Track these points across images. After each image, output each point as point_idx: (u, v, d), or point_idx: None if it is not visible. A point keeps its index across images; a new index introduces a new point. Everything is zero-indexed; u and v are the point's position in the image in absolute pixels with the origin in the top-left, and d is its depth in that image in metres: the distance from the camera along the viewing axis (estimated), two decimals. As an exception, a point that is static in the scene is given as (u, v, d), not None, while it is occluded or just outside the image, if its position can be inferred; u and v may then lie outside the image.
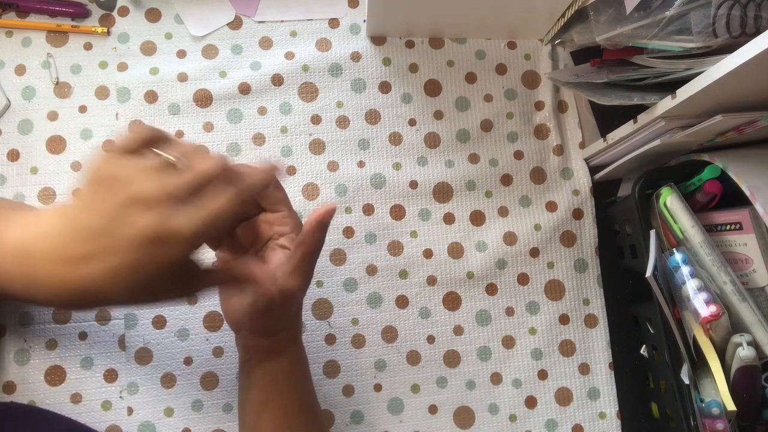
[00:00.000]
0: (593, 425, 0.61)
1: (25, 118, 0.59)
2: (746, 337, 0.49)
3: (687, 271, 0.50)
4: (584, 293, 0.62)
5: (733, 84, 0.42)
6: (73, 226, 0.35)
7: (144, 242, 0.34)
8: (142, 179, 0.34)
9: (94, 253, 0.34)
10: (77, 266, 0.34)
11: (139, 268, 0.34)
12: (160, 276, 0.35)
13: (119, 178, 0.35)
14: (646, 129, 0.52)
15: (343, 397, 0.59)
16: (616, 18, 0.51)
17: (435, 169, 0.63)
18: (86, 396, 0.56)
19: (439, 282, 0.61)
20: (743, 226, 0.52)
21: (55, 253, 0.34)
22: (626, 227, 0.59)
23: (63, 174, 0.59)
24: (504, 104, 0.64)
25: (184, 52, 0.62)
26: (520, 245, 0.62)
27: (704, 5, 0.45)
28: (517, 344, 0.61)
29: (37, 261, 0.35)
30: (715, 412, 0.49)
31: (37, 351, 0.56)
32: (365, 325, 0.60)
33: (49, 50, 0.61)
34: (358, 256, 0.61)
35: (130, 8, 0.62)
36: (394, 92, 0.63)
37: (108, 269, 0.34)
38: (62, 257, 0.34)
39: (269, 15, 0.63)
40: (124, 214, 0.34)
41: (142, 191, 0.34)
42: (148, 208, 0.34)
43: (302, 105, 0.62)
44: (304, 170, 0.61)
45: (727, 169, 0.50)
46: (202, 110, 0.61)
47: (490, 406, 0.60)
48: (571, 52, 0.65)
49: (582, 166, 0.64)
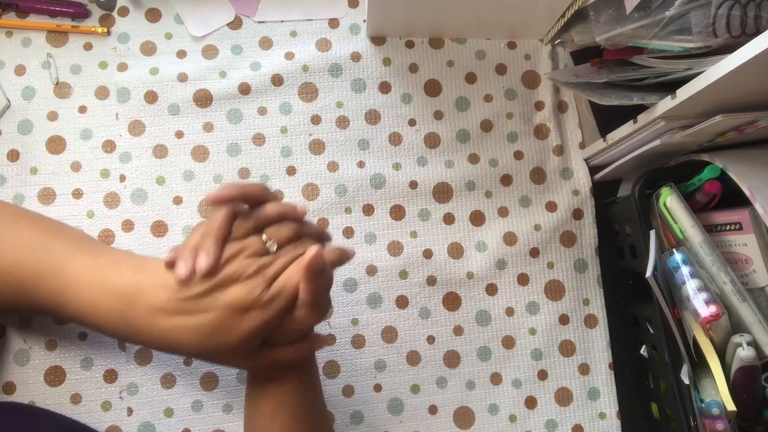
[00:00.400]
0: (593, 425, 0.61)
1: (25, 118, 0.59)
2: (746, 337, 0.49)
3: (687, 271, 0.50)
4: (584, 293, 0.62)
5: (733, 84, 0.42)
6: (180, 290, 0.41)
7: (233, 308, 0.41)
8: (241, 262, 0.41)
9: (191, 310, 0.41)
10: (173, 318, 0.41)
11: (224, 330, 0.41)
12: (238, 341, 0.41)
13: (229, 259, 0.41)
14: (646, 129, 0.52)
15: (343, 397, 0.59)
16: (616, 18, 0.51)
17: (435, 169, 0.63)
18: (86, 396, 0.56)
19: (439, 282, 0.61)
20: (743, 226, 0.52)
21: (160, 304, 0.41)
22: (626, 227, 0.59)
23: (63, 174, 0.59)
24: (504, 104, 0.64)
25: (184, 52, 0.62)
26: (520, 245, 0.62)
27: (704, 5, 0.45)
28: (517, 344, 0.61)
29: (141, 307, 0.41)
30: (715, 412, 0.49)
31: (37, 351, 0.56)
32: (365, 325, 0.60)
33: (49, 50, 0.61)
34: (358, 256, 0.61)
35: (130, 8, 0.62)
36: (394, 92, 0.63)
37: (196, 325, 0.41)
38: (164, 309, 0.41)
39: (269, 15, 0.63)
40: (223, 286, 0.41)
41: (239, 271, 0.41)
42: (240, 283, 0.41)
43: (302, 105, 0.62)
44: (304, 170, 0.61)
45: (727, 169, 0.50)
46: (202, 110, 0.61)
47: (490, 407, 0.60)
48: (571, 52, 0.65)
49: (582, 166, 0.64)
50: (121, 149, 0.60)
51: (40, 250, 0.44)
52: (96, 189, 0.59)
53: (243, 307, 0.41)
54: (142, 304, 0.41)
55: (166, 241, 0.59)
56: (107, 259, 0.44)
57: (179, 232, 0.59)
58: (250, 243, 0.42)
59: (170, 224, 0.59)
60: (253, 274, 0.41)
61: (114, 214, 0.59)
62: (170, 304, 0.41)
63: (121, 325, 0.42)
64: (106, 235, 0.59)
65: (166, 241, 0.59)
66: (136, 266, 0.43)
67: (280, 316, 0.42)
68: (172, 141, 0.60)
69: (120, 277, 0.42)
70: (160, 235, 0.59)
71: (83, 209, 0.59)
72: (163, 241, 0.59)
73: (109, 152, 0.60)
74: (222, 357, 0.43)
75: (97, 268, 0.43)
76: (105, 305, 0.42)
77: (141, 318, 0.41)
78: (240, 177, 0.60)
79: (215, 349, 0.42)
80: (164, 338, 0.41)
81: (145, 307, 0.41)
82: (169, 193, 0.60)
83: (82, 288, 0.42)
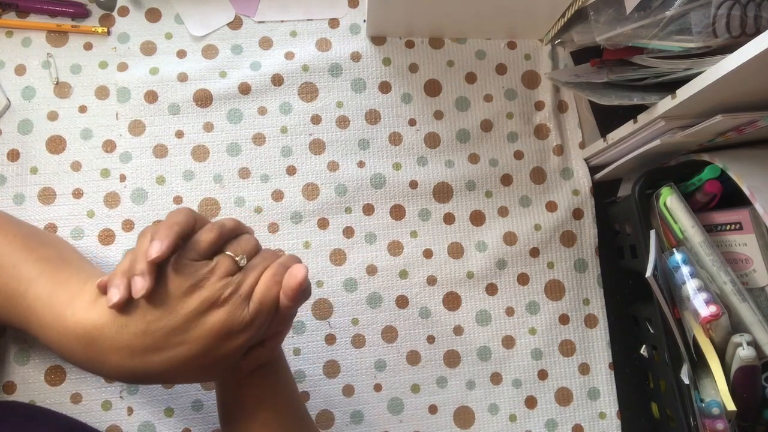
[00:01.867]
0: (593, 425, 0.61)
1: (25, 118, 0.59)
2: (746, 337, 0.49)
3: (687, 271, 0.50)
4: (584, 293, 0.62)
5: (733, 84, 0.42)
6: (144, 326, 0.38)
7: (214, 336, 0.38)
8: (215, 284, 0.39)
9: (164, 347, 0.38)
10: (145, 356, 0.38)
11: (205, 357, 0.39)
12: (219, 362, 0.40)
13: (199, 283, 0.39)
14: (646, 129, 0.52)
15: (343, 397, 0.59)
16: (616, 18, 0.51)
17: (435, 169, 0.63)
18: (86, 396, 0.56)
19: (439, 282, 0.61)
20: (743, 226, 0.52)
21: (124, 344, 0.38)
22: (626, 227, 0.59)
23: (63, 174, 0.59)
24: (504, 104, 0.64)
25: (184, 52, 0.62)
26: (520, 245, 0.62)
27: (704, 5, 0.45)
28: (517, 344, 0.61)
29: (104, 347, 0.38)
30: (715, 412, 0.49)
31: (37, 351, 0.56)
32: (365, 325, 0.60)
33: (49, 50, 0.61)
34: (358, 256, 0.61)
35: (130, 8, 0.62)
36: (394, 92, 0.63)
37: (175, 359, 0.38)
38: (130, 349, 0.38)
39: (269, 15, 0.63)
40: (199, 315, 0.38)
41: (215, 295, 0.38)
42: (219, 307, 0.38)
43: (302, 105, 0.62)
44: (304, 170, 0.61)
45: (727, 169, 0.50)
46: (202, 110, 0.61)
47: (490, 406, 0.60)
48: (571, 52, 0.65)
49: (582, 166, 0.64)
50: (121, 149, 0.60)
51: (9, 272, 0.43)
52: (96, 189, 0.59)
53: (226, 332, 0.39)
54: (105, 345, 0.38)
55: (166, 240, 0.59)
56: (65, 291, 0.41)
57: (179, 232, 0.59)
58: (220, 262, 0.40)
59: (170, 224, 0.59)
60: (230, 296, 0.39)
61: (114, 213, 0.59)
62: (136, 343, 0.38)
63: (87, 365, 0.40)
64: (107, 234, 0.59)
65: (166, 240, 0.59)
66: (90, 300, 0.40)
67: (262, 331, 0.41)
68: (173, 141, 0.60)
69: (73, 317, 0.39)
70: (160, 234, 0.59)
71: (83, 209, 0.59)
72: (163, 240, 0.59)
73: (110, 152, 0.60)
74: (203, 377, 0.42)
75: (55, 304, 0.41)
76: (67, 345, 0.39)
77: (106, 358, 0.38)
78: (240, 177, 0.60)
79: (197, 374, 0.41)
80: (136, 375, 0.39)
81: (108, 348, 0.38)
82: (169, 193, 0.60)
83: (43, 324, 0.41)
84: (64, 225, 0.58)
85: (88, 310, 0.39)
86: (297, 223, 0.61)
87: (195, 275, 0.39)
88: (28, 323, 0.42)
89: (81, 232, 0.58)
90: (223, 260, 0.40)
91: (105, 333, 0.38)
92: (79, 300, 0.40)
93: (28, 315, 0.41)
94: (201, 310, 0.38)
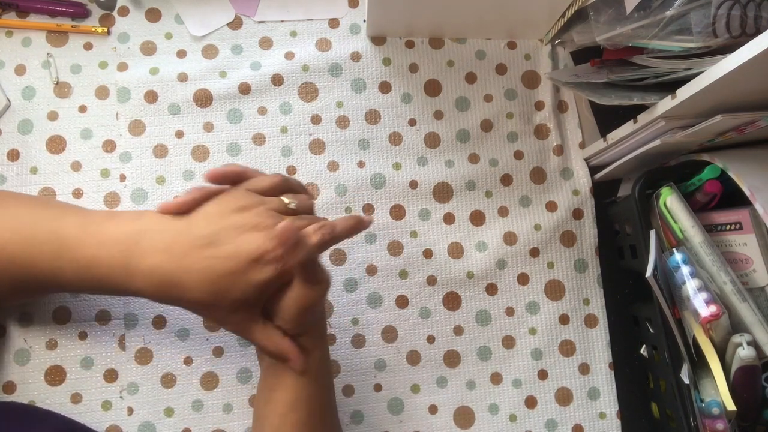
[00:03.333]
0: (593, 425, 0.61)
1: (25, 118, 0.59)
2: (746, 337, 0.49)
3: (687, 271, 0.50)
4: (584, 293, 0.62)
5: (733, 84, 0.42)
6: (188, 228, 0.41)
7: (245, 257, 0.39)
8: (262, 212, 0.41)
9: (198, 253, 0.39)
10: (182, 259, 0.39)
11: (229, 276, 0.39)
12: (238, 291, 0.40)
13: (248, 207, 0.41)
14: (646, 129, 0.52)
15: (343, 397, 0.59)
16: (616, 18, 0.51)
17: (435, 169, 0.63)
18: (86, 396, 0.56)
19: (439, 282, 0.61)
20: (743, 226, 0.52)
21: (165, 244, 0.40)
22: (626, 227, 0.59)
23: (63, 174, 0.59)
24: (504, 104, 0.64)
25: (184, 52, 0.62)
26: (520, 245, 0.62)
27: (704, 5, 0.45)
28: (517, 344, 0.61)
29: (144, 248, 0.40)
30: (715, 412, 0.49)
31: (37, 351, 0.56)
32: (365, 325, 0.60)
33: (49, 50, 0.61)
34: (358, 256, 0.61)
35: (130, 8, 0.62)
36: (394, 92, 0.63)
37: (203, 269, 0.39)
38: (169, 249, 0.40)
39: (269, 15, 0.63)
40: (240, 232, 0.40)
41: (258, 220, 0.40)
42: (258, 231, 0.40)
43: (302, 105, 0.62)
44: (304, 170, 0.61)
45: (727, 169, 0.50)
46: (202, 110, 0.61)
47: (490, 406, 0.60)
48: (571, 52, 0.65)
49: (582, 166, 0.64)
50: (121, 149, 0.60)
51: (30, 220, 0.43)
52: (96, 189, 0.59)
53: (256, 257, 0.39)
54: (145, 247, 0.40)
55: (166, 240, 0.59)
56: (100, 215, 0.44)
57: (179, 232, 0.59)
58: (272, 199, 0.43)
59: (170, 224, 0.59)
60: (272, 226, 0.40)
61: (114, 213, 0.59)
62: (178, 242, 0.40)
63: (121, 276, 0.41)
64: (106, 234, 0.59)
65: (166, 240, 0.59)
66: (133, 216, 0.43)
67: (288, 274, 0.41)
68: (173, 141, 0.60)
69: (116, 227, 0.42)
70: (160, 234, 0.59)
71: (83, 209, 0.59)
72: (163, 240, 0.59)
73: (110, 152, 0.60)
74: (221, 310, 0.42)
75: (92, 223, 0.42)
76: (105, 256, 0.41)
77: (143, 262, 0.40)
78: (240, 177, 0.61)
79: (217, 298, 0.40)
80: (166, 282, 0.40)
81: (148, 250, 0.40)
82: (169, 193, 0.60)
83: (79, 245, 0.41)
84: (64, 225, 0.58)
85: (132, 221, 0.42)
86: (297, 223, 0.61)
87: (247, 200, 0.41)
88: (56, 257, 0.42)
89: (81, 232, 0.58)
90: (275, 200, 0.43)
91: (148, 234, 0.40)
92: (119, 217, 0.43)
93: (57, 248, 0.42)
94: (241, 228, 0.40)
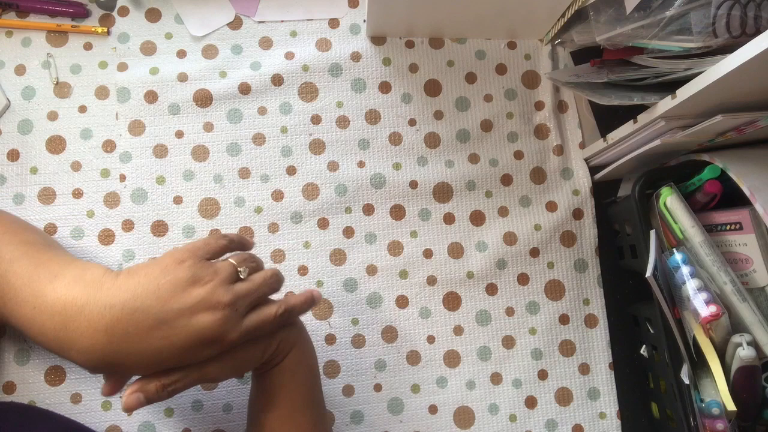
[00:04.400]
0: (593, 425, 0.61)
1: (25, 118, 0.59)
2: (746, 337, 0.49)
3: (687, 271, 0.50)
4: (584, 293, 0.62)
5: (733, 84, 0.42)
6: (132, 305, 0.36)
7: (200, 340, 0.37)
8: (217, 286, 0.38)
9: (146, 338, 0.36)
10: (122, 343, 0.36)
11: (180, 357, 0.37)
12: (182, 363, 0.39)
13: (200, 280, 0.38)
14: (646, 129, 0.52)
15: (343, 397, 0.59)
16: (616, 18, 0.51)
17: (435, 169, 0.63)
18: (86, 396, 0.56)
19: (439, 282, 0.61)
20: (743, 226, 0.52)
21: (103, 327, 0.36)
22: (626, 227, 0.59)
23: (63, 174, 0.59)
24: (504, 104, 0.64)
25: (184, 52, 0.62)
26: (520, 245, 0.62)
27: (704, 5, 0.45)
28: (517, 344, 0.61)
29: (80, 327, 0.36)
30: (715, 412, 0.49)
31: (37, 351, 0.56)
32: (365, 325, 0.60)
33: (49, 50, 0.61)
34: (358, 256, 0.61)
35: (130, 8, 0.62)
36: (394, 92, 0.63)
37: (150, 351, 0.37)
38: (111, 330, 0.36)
39: (269, 15, 0.63)
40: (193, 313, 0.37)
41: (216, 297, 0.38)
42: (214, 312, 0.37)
43: (302, 105, 0.62)
44: (304, 170, 0.61)
45: (727, 169, 0.50)
46: (202, 110, 0.61)
47: (490, 406, 0.60)
48: (571, 52, 0.65)
49: (582, 166, 0.64)
50: (121, 149, 0.60)
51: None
52: (96, 189, 0.59)
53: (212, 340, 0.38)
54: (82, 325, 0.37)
55: (167, 240, 0.59)
56: (46, 270, 0.41)
57: (179, 232, 0.59)
58: (223, 267, 0.40)
59: (170, 224, 0.59)
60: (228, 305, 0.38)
61: (114, 213, 0.59)
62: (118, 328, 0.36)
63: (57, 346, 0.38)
64: (107, 234, 0.59)
65: (166, 240, 0.59)
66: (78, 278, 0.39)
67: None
68: (172, 141, 0.60)
69: (54, 292, 0.38)
70: (160, 234, 0.59)
71: (83, 209, 0.59)
72: (163, 240, 0.59)
73: (109, 152, 0.60)
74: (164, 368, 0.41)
75: (37, 280, 0.40)
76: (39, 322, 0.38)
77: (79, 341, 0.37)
78: (240, 177, 0.60)
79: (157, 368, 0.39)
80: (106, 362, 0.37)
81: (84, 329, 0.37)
82: (169, 193, 0.60)
83: (19, 302, 0.40)
84: (63, 225, 0.58)
85: (72, 287, 0.38)
86: (297, 223, 0.61)
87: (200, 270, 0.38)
88: (3, 303, 0.40)
89: (81, 232, 0.58)
90: (225, 267, 0.40)
91: (86, 312, 0.37)
92: (62, 278, 0.39)
93: (5, 293, 0.40)
94: (195, 308, 0.37)
